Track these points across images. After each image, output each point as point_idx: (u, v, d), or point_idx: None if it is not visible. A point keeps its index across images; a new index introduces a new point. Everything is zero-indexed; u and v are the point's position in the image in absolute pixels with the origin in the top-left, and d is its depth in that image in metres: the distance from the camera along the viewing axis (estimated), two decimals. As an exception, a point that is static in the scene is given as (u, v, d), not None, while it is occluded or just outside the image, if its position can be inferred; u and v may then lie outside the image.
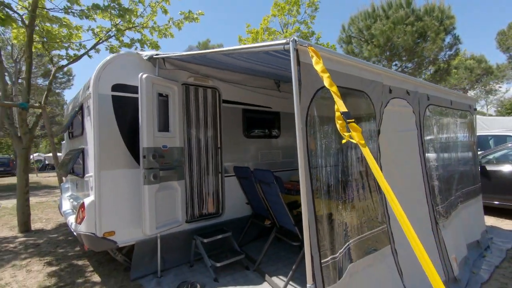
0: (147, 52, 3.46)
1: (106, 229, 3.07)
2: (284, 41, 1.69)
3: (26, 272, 3.58)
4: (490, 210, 5.71)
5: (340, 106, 1.49)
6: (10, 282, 3.31)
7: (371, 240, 2.21)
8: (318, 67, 1.58)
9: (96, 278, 3.36)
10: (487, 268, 3.40)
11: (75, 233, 3.43)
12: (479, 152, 5.94)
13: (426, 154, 3.04)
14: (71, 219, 3.69)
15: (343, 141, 1.51)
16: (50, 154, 30.23)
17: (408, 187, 2.69)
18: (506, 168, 5.32)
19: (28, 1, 6.08)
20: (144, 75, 3.16)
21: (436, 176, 3.11)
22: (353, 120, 1.45)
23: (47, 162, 28.37)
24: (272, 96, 4.82)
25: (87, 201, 3.07)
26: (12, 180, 16.44)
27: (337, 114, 1.50)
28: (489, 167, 5.56)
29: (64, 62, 6.66)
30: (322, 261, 1.71)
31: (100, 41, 6.85)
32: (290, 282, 3.02)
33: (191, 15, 7.75)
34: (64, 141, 5.82)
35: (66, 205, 4.47)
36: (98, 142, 3.10)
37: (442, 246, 2.85)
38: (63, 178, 5.82)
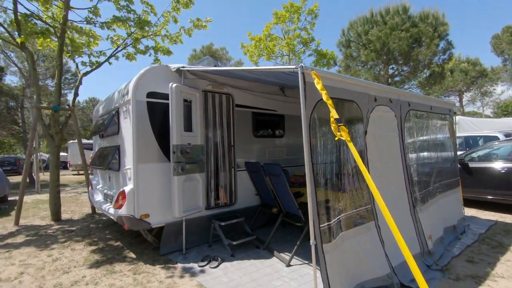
0: (175, 65, 4.10)
1: (142, 212, 3.71)
2: (293, 66, 2.33)
3: (71, 250, 4.22)
4: (473, 203, 6.37)
5: (333, 114, 2.14)
6: (60, 257, 3.94)
7: (359, 216, 2.86)
8: (318, 86, 2.22)
9: (131, 255, 4.00)
10: (459, 247, 4.04)
11: (112, 217, 4.08)
12: (460, 152, 6.59)
13: (407, 152, 3.69)
14: (107, 206, 4.34)
15: (336, 138, 2.16)
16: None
17: (390, 176, 3.34)
18: (496, 165, 5.75)
19: (51, 11, 6.73)
20: (174, 85, 3.80)
21: (415, 169, 3.76)
22: (342, 123, 2.10)
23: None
24: (278, 100, 5.47)
25: (127, 189, 3.72)
26: (20, 178, 16.92)
27: (332, 119, 2.15)
28: (477, 164, 6.08)
29: (86, 68, 7.32)
30: (320, 226, 2.36)
31: (118, 49, 7.48)
32: (295, 257, 3.66)
33: (200, 23, 8.27)
34: (79, 140, 6.50)
35: (98, 196, 5.11)
36: (136, 140, 3.75)
37: (418, 225, 3.50)
38: (90, 172, 6.47)
